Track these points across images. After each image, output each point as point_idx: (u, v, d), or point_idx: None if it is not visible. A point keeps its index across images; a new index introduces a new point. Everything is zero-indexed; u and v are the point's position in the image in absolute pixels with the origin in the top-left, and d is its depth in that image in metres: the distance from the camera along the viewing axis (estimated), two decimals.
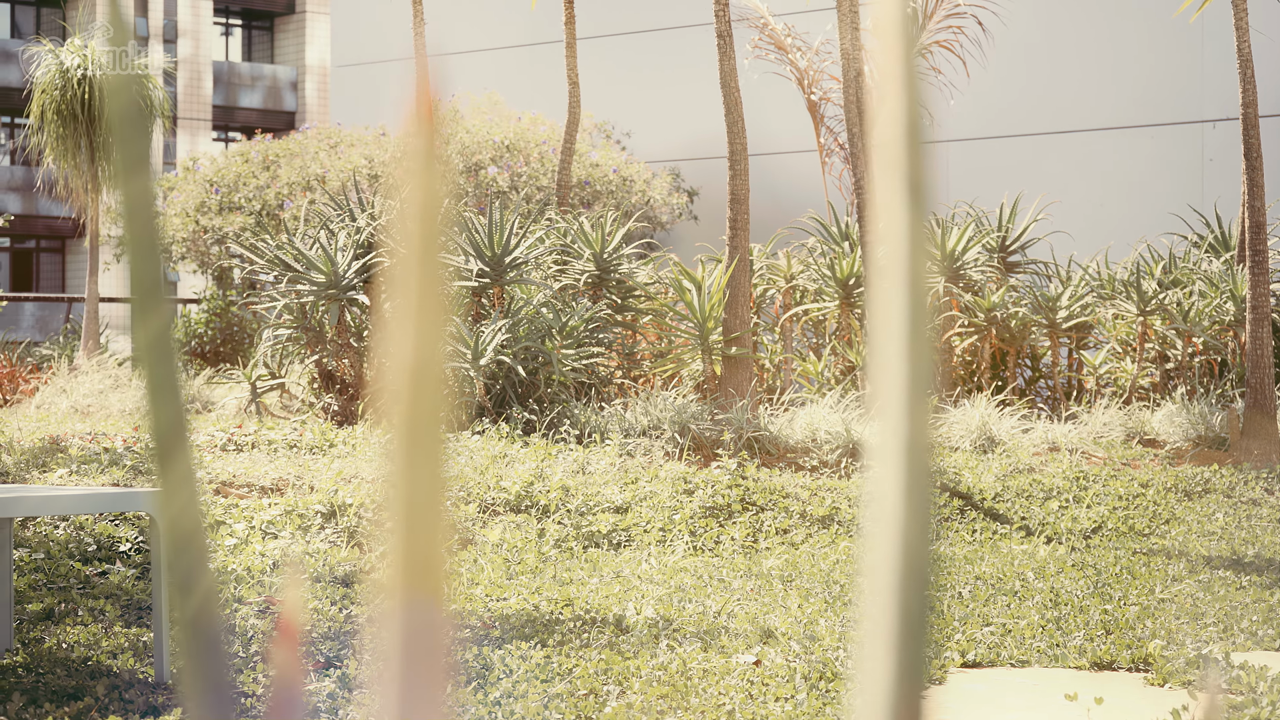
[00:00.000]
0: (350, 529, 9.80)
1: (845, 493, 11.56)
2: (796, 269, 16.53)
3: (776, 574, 9.41)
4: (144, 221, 1.04)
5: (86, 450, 11.33)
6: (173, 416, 1.03)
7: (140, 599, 8.10)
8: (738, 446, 12.47)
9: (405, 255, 0.79)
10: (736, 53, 14.71)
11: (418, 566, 0.78)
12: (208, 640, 1.05)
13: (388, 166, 23.48)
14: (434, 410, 0.77)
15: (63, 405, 16.52)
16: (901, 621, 0.89)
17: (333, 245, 14.29)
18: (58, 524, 9.12)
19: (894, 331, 0.94)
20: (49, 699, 6.25)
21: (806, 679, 6.85)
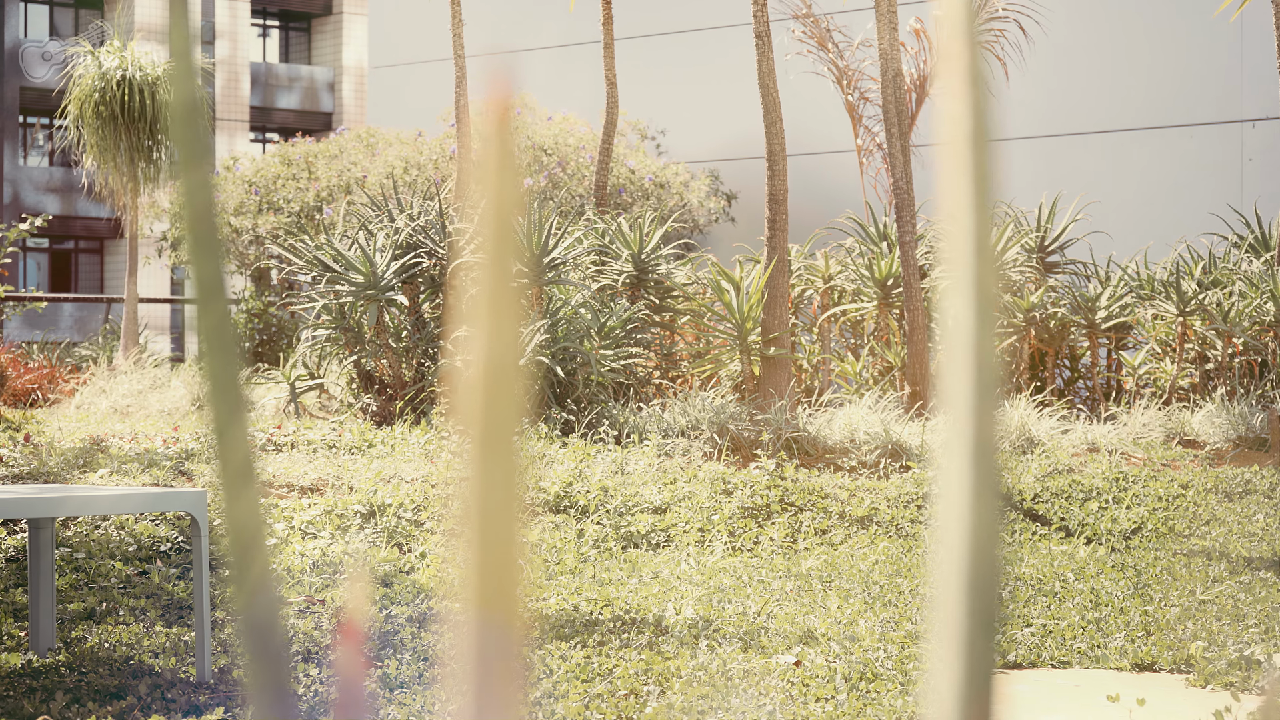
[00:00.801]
0: (389, 529, 9.81)
1: (884, 493, 11.54)
2: (834, 269, 16.51)
3: (816, 574, 9.40)
4: (204, 219, 1.04)
5: (126, 450, 11.36)
6: (234, 414, 1.03)
7: (181, 599, 8.12)
8: (776, 447, 12.46)
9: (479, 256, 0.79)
10: (774, 52, 14.72)
11: (492, 566, 0.78)
12: (268, 639, 1.05)
13: (424, 168, 23.51)
14: (509, 410, 0.77)
15: (102, 405, 16.57)
16: (970, 621, 0.89)
17: (371, 246, 14.31)
18: (98, 524, 9.15)
19: (961, 331, 0.93)
20: (92, 698, 6.27)
21: (847, 679, 6.85)
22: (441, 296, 14.52)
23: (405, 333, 14.35)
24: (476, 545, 0.77)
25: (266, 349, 24.08)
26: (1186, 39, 21.77)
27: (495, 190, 0.78)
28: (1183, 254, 16.32)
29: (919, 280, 14.64)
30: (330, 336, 14.59)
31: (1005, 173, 22.67)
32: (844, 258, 16.76)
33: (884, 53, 14.99)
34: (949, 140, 0.97)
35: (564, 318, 13.95)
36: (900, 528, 11.05)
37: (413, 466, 11.22)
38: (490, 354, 0.77)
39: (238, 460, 1.03)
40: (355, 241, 14.45)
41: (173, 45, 1.09)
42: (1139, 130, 22.10)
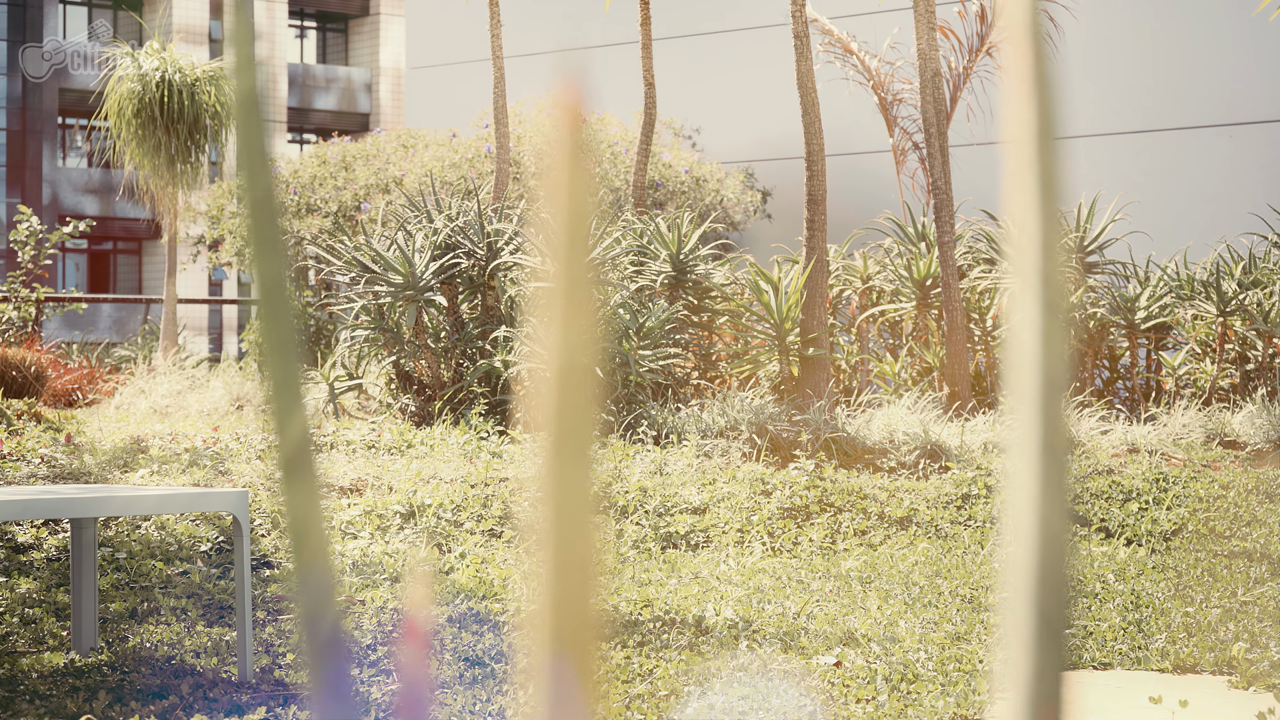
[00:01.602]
0: (429, 529, 9.82)
1: (923, 494, 11.52)
2: (873, 269, 16.49)
3: (855, 575, 9.39)
4: (266, 214, 1.04)
5: (167, 450, 11.39)
6: (294, 411, 1.04)
7: (222, 599, 8.14)
8: (815, 447, 12.45)
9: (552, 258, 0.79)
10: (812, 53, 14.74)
11: (568, 566, 0.78)
12: (329, 638, 1.06)
13: (461, 168, 23.54)
14: (583, 411, 0.77)
15: (141, 406, 16.62)
16: (1040, 621, 0.89)
17: (410, 247, 14.33)
18: (138, 524, 9.17)
19: (1029, 330, 0.93)
20: (134, 697, 6.29)
21: (888, 680, 6.84)
22: (480, 297, 14.54)
23: (444, 333, 14.37)
24: (552, 546, 0.77)
25: (304, 349, 24.13)
26: (1226, 38, 21.70)
27: (567, 191, 0.78)
28: (1223, 254, 16.26)
29: (957, 280, 14.62)
30: (369, 337, 14.61)
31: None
32: (882, 258, 16.74)
33: (922, 53, 14.97)
34: (1015, 141, 0.97)
35: (602, 318, 13.94)
36: (940, 528, 11.03)
37: (452, 467, 11.23)
38: (564, 354, 0.77)
39: (297, 457, 1.03)
40: (394, 242, 14.47)
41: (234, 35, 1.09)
42: (1178, 130, 22.03)
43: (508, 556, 9.55)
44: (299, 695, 6.38)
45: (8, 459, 10.58)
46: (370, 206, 23.30)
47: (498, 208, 14.98)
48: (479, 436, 12.64)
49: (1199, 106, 21.93)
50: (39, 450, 10.94)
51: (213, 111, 20.29)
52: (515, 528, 10.13)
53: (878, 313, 16.17)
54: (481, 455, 11.87)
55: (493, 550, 9.66)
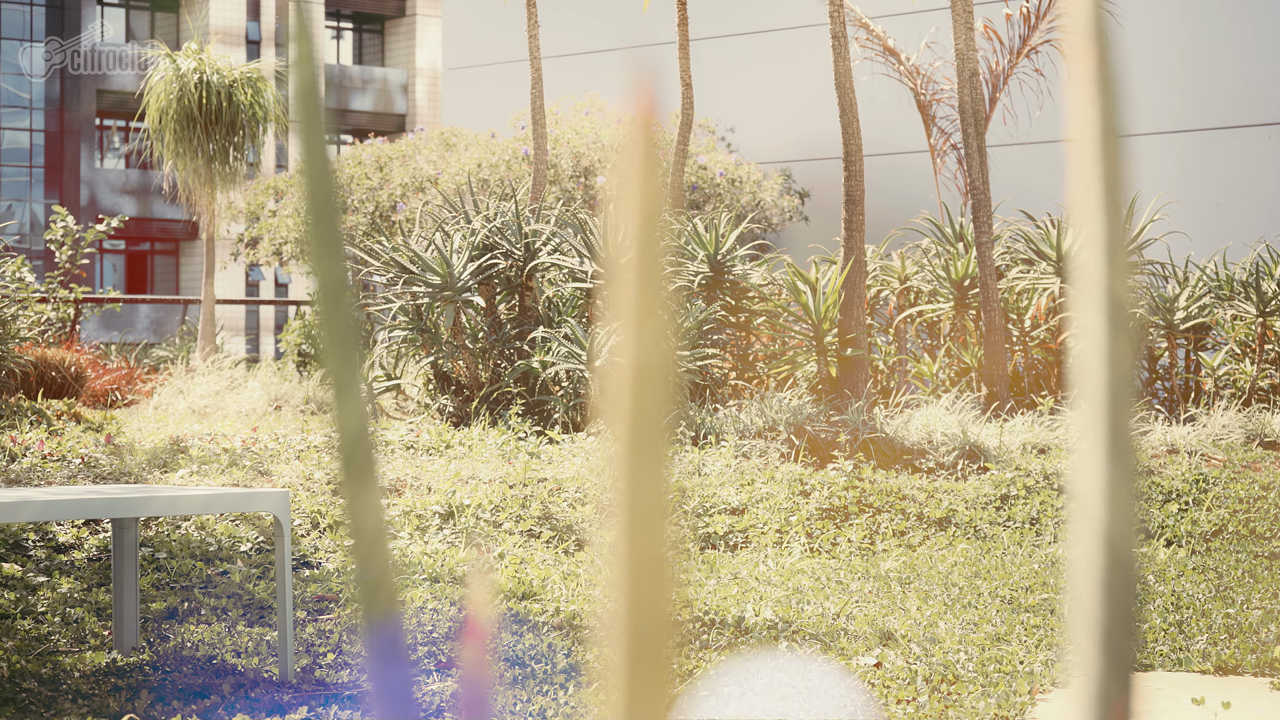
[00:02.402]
0: (468, 530, 9.83)
1: (962, 495, 11.50)
2: (910, 270, 16.47)
3: (894, 576, 9.38)
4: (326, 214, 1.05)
5: (206, 451, 11.43)
6: (356, 414, 1.04)
7: (262, 599, 8.16)
8: (853, 448, 12.43)
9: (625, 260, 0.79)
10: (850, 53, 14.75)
11: (644, 567, 0.78)
12: (390, 638, 1.06)
13: (498, 168, 23.57)
14: (656, 412, 0.77)
15: (180, 406, 16.67)
16: (1109, 619, 0.89)
17: (448, 247, 14.35)
18: (178, 524, 9.20)
19: (1095, 330, 0.93)
20: (176, 696, 6.31)
21: (928, 681, 6.83)
22: (517, 298, 14.55)
23: (481, 334, 14.39)
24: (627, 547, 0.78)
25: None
26: (1266, 37, 21.63)
27: (640, 194, 0.79)
28: (1262, 254, 16.20)
29: (995, 281, 14.59)
30: (407, 338, 14.64)
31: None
32: (920, 258, 16.71)
33: (960, 53, 14.94)
34: (1080, 140, 0.97)
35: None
36: (979, 529, 11.01)
37: (490, 467, 11.24)
38: (639, 356, 0.77)
39: (357, 457, 1.03)
40: (431, 243, 14.50)
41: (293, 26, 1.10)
42: (1217, 130, 21.97)
43: (546, 557, 9.55)
44: (340, 695, 6.39)
45: (49, 459, 10.62)
46: (406, 207, 23.33)
47: (535, 208, 14.99)
48: (517, 437, 12.66)
49: (1237, 106, 21.85)
50: (79, 451, 10.98)
51: (250, 112, 20.34)
52: (554, 528, 10.13)
53: (915, 313, 16.15)
54: (519, 455, 11.88)
55: (531, 550, 9.67)
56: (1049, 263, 15.67)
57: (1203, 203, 21.30)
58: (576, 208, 20.93)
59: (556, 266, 14.51)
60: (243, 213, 25.97)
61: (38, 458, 10.62)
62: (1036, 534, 10.98)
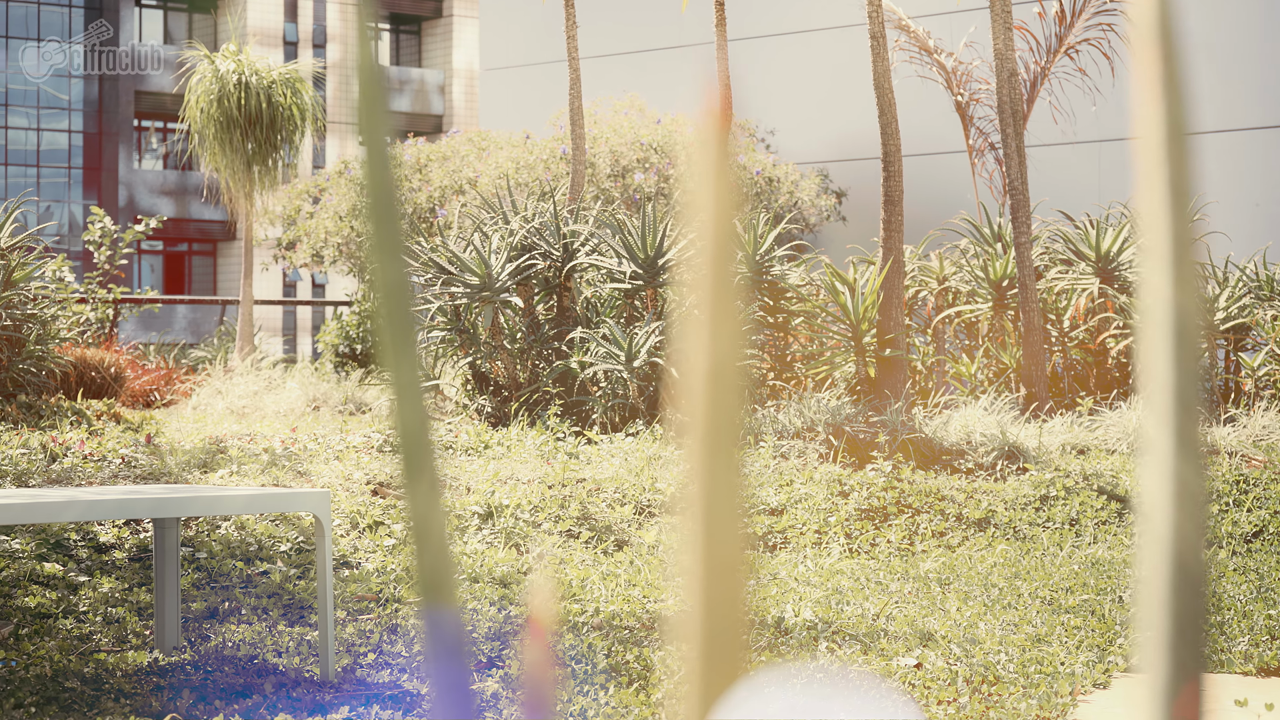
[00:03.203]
0: (507, 530, 9.84)
1: (1001, 495, 11.48)
2: (949, 270, 16.45)
3: (934, 576, 9.37)
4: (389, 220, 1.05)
5: (245, 451, 11.45)
6: (418, 415, 1.04)
7: (302, 598, 8.18)
8: (892, 448, 12.41)
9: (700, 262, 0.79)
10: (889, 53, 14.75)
11: (719, 566, 0.78)
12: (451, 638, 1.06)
13: (535, 169, 23.58)
14: (732, 413, 0.77)
15: (219, 406, 16.72)
16: (1176, 621, 0.89)
17: (486, 248, 14.36)
18: (218, 524, 9.22)
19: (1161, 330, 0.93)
20: (218, 696, 6.32)
21: (969, 682, 6.82)
22: (555, 298, 14.56)
23: (520, 334, 14.40)
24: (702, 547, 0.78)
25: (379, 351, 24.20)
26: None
27: (713, 198, 0.79)
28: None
29: (1034, 281, 14.55)
30: (445, 338, 14.65)
31: (1119, 172, 22.53)
32: (958, 259, 16.69)
33: (999, 53, 14.91)
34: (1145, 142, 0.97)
35: (678, 319, 13.96)
36: (1018, 530, 10.99)
37: (528, 468, 11.25)
38: (712, 358, 0.77)
39: (418, 457, 1.04)
40: (470, 243, 14.51)
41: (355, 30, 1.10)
42: (1257, 129, 21.89)
43: (585, 557, 9.56)
44: (381, 694, 6.40)
45: (89, 459, 10.66)
46: (444, 209, 23.36)
47: (573, 208, 14.99)
48: (555, 437, 12.66)
49: (1276, 106, 21.77)
50: (119, 451, 11.01)
51: (289, 113, 20.39)
52: (593, 528, 10.14)
53: (954, 314, 16.12)
54: (558, 456, 11.89)
55: (570, 551, 9.67)
56: (1088, 263, 15.64)
57: (1242, 203, 21.22)
58: (615, 208, 20.94)
59: (595, 267, 14.51)
60: (281, 215, 26.03)
61: (78, 458, 10.66)
62: (1076, 535, 10.96)
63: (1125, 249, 15.55)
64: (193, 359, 22.01)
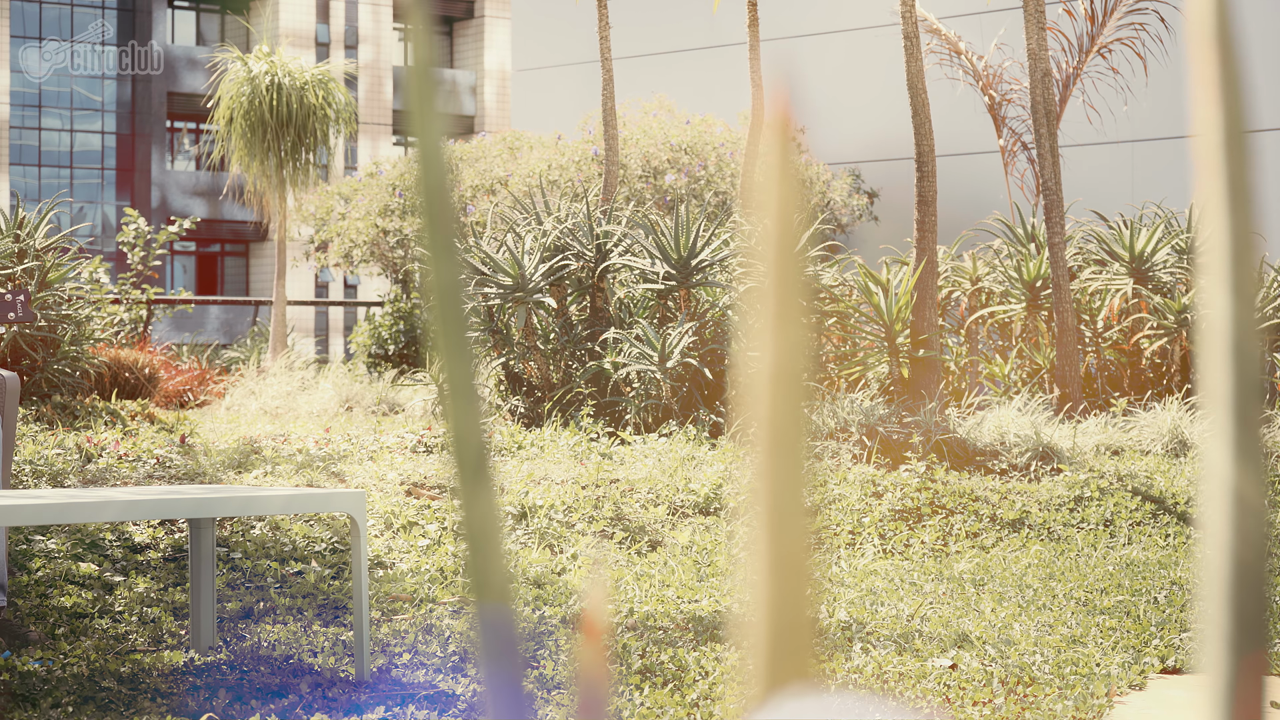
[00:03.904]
0: (540, 530, 9.85)
1: (1035, 496, 11.45)
2: (982, 271, 16.43)
3: (968, 577, 9.35)
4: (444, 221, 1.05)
5: (279, 452, 11.48)
6: (473, 418, 1.04)
7: (337, 599, 8.19)
8: (926, 449, 12.40)
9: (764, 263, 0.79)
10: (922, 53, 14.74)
11: (784, 567, 0.78)
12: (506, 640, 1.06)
13: (566, 169, 23.60)
14: (796, 415, 0.77)
15: (252, 407, 16.75)
16: (1236, 621, 0.89)
17: (519, 248, 14.38)
18: (252, 524, 9.25)
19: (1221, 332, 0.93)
20: (254, 696, 6.34)
21: (1004, 683, 6.81)
22: (588, 299, 14.57)
23: (553, 335, 14.41)
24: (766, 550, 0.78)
25: (411, 351, 24.26)
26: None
27: (778, 200, 0.79)
28: None
29: (1068, 281, 14.52)
30: (478, 339, 14.67)
31: (1152, 173, 22.47)
32: (991, 259, 16.67)
33: (1032, 53, 14.89)
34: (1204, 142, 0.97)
35: (712, 319, 13.97)
36: (1052, 531, 10.97)
37: (562, 468, 11.25)
38: (776, 360, 0.77)
39: (474, 461, 1.04)
40: (503, 244, 14.53)
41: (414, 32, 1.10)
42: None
43: (619, 558, 9.56)
44: (416, 695, 6.41)
45: (124, 459, 10.69)
46: (475, 209, 23.39)
47: (606, 209, 15.00)
48: (589, 438, 12.67)
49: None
50: (154, 451, 11.05)
51: (321, 114, 20.44)
52: (626, 529, 10.14)
53: (987, 314, 16.10)
54: (591, 456, 11.90)
55: (604, 551, 9.68)
56: (1122, 263, 15.61)
57: (1273, 202, 21.15)
58: (647, 209, 20.95)
59: (628, 267, 14.52)
60: (313, 215, 26.08)
61: (113, 458, 10.69)
62: (1111, 536, 10.94)
63: (1159, 249, 15.52)
64: (225, 359, 22.07)
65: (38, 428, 12.14)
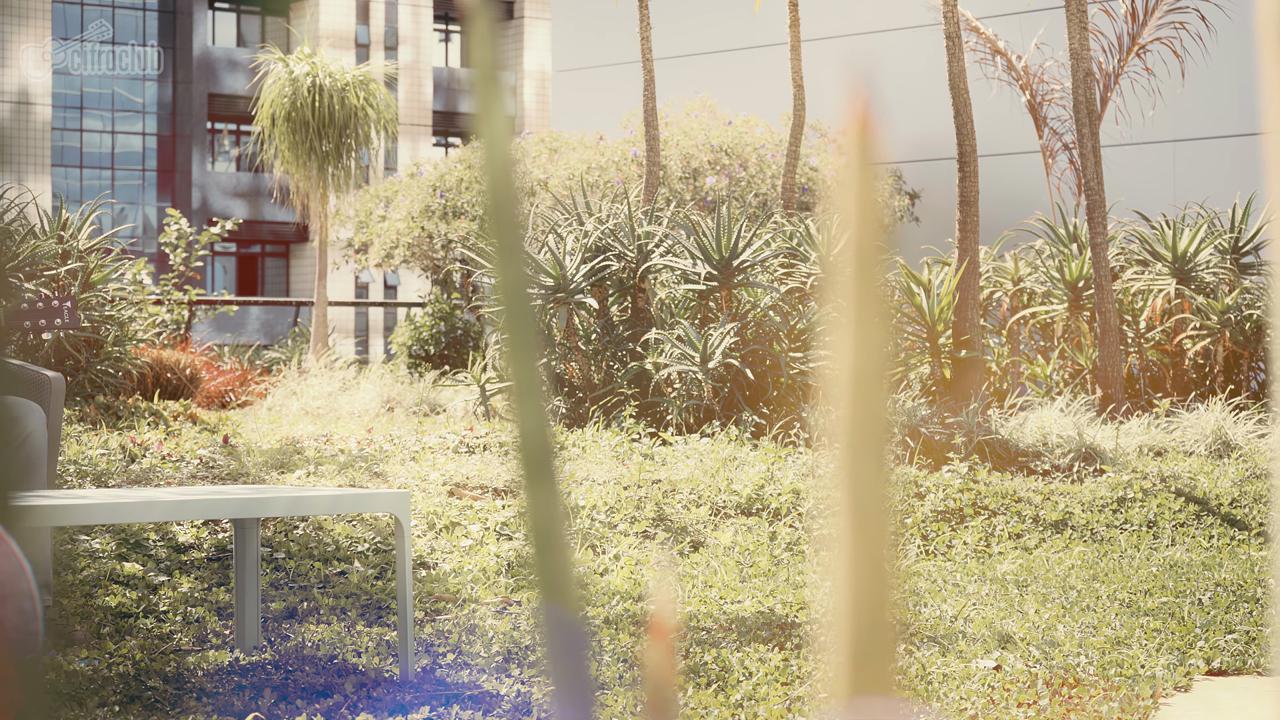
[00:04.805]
0: (583, 531, 9.85)
1: (1078, 497, 11.43)
2: (1024, 271, 16.39)
3: (1011, 578, 9.33)
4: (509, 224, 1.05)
5: (321, 452, 11.50)
6: (539, 418, 1.05)
7: (380, 599, 8.21)
8: (968, 450, 12.38)
9: (843, 263, 0.80)
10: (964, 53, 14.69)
11: (866, 568, 0.78)
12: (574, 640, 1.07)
13: (606, 170, 23.61)
14: (878, 418, 0.77)
15: (293, 407, 16.79)
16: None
17: (560, 249, 14.39)
18: (295, 524, 9.27)
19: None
20: (299, 695, 6.35)
21: (1049, 685, 6.79)
22: (630, 299, 14.57)
23: (594, 335, 14.41)
24: (849, 553, 0.78)
25: (451, 351, 24.30)
26: None
27: (859, 200, 0.79)
28: None
29: (1110, 282, 14.48)
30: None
31: (1194, 172, 22.39)
32: (1033, 259, 16.63)
33: (1074, 52, 14.85)
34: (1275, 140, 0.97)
35: (753, 320, 13.96)
36: (1095, 532, 10.94)
37: (604, 469, 11.26)
38: (857, 361, 0.77)
39: (539, 460, 1.04)
40: (544, 245, 14.54)
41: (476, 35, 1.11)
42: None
43: (661, 559, 9.56)
44: (461, 695, 6.42)
45: (167, 460, 10.73)
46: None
47: (647, 210, 15.00)
48: (630, 438, 12.67)
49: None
50: (197, 451, 11.08)
51: (363, 116, 20.48)
52: (669, 529, 10.14)
53: (1029, 314, 16.06)
54: (633, 457, 11.90)
55: (646, 552, 9.68)
56: (1164, 264, 15.56)
57: None
58: (688, 209, 20.94)
59: (669, 268, 14.51)
60: (353, 217, 26.14)
61: (157, 458, 10.73)
62: (1154, 537, 10.91)
63: (1202, 249, 15.47)
64: (266, 360, 22.12)
65: (81, 428, 12.18)
